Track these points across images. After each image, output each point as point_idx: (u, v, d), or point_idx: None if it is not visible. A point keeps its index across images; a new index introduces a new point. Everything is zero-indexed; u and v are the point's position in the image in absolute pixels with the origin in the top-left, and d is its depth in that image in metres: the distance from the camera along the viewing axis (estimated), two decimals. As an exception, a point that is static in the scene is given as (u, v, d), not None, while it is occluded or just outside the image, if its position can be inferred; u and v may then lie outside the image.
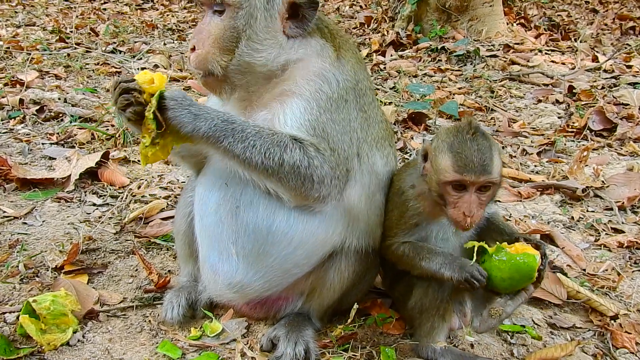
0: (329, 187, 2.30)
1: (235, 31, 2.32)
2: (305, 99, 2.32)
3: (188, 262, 2.82)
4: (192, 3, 12.58)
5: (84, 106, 5.53)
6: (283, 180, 2.25)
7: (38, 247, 3.21)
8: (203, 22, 2.38)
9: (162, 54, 7.87)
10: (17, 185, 3.92)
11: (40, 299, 2.51)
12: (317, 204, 2.34)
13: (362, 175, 2.49)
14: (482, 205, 2.26)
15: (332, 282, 2.55)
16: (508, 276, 2.20)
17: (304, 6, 2.36)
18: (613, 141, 5.41)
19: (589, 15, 11.61)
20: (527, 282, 2.26)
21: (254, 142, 2.20)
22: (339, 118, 2.35)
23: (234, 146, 2.21)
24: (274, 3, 2.34)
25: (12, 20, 9.62)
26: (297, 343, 2.44)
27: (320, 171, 2.26)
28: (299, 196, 2.30)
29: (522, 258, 2.20)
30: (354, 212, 2.48)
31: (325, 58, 2.42)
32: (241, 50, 2.33)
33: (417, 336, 2.56)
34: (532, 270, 2.21)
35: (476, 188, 2.22)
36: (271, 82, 2.40)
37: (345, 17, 11.49)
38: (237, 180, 2.35)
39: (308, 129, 2.29)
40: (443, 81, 7.18)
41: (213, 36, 2.32)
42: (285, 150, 2.21)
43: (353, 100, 2.42)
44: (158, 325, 2.66)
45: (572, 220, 3.96)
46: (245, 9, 2.31)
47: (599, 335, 2.79)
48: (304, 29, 2.39)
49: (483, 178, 2.19)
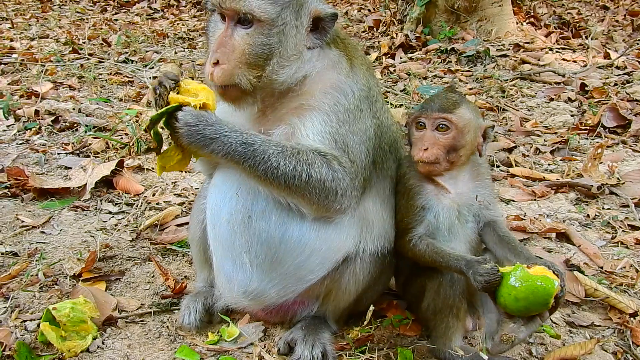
0: (349, 199, 2.33)
1: (268, 48, 2.26)
2: (325, 112, 2.32)
3: (204, 268, 2.84)
4: (202, 11, 12.68)
5: (98, 116, 5.61)
6: (307, 196, 2.26)
7: (56, 255, 3.25)
8: (225, 35, 2.27)
9: (173, 63, 7.93)
10: (34, 195, 3.98)
11: (60, 306, 2.55)
12: (337, 215, 2.36)
13: (377, 180, 2.51)
14: (439, 146, 2.44)
15: (348, 285, 2.55)
16: (523, 297, 2.11)
17: (326, 19, 2.36)
18: (627, 138, 5.36)
19: (600, 12, 11.52)
20: (541, 308, 2.16)
21: (277, 162, 2.19)
22: (357, 129, 2.36)
23: (256, 168, 2.20)
24: (302, 19, 2.32)
25: (26, 32, 9.76)
26: (314, 346, 2.45)
27: (343, 184, 2.28)
28: (321, 209, 2.32)
29: (541, 281, 2.12)
30: (370, 217, 2.50)
31: (340, 69, 2.42)
32: (272, 67, 2.28)
33: (433, 338, 2.56)
34: (549, 295, 2.12)
35: (433, 125, 2.46)
36: (287, 95, 2.37)
37: (353, 21, 11.51)
38: (247, 190, 2.36)
39: (330, 142, 2.30)
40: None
41: (240, 51, 2.24)
42: (312, 166, 2.22)
43: (367, 108, 2.43)
44: (176, 331, 2.68)
45: (587, 218, 3.93)
46: (279, 26, 2.26)
47: (618, 333, 2.76)
48: (322, 40, 2.39)
49: (437, 114, 2.45)
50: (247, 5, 2.20)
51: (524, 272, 2.15)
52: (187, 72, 7.52)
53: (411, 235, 2.50)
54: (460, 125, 2.43)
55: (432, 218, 2.50)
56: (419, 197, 2.51)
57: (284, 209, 2.34)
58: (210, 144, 2.18)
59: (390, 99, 6.40)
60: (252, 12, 2.21)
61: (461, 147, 2.46)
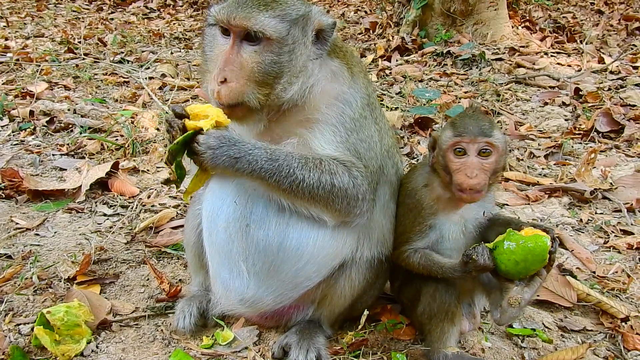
0: (368, 203, 2.35)
1: (278, 66, 2.23)
2: (332, 124, 2.33)
3: (199, 272, 2.84)
4: (198, 11, 12.67)
5: (93, 117, 5.60)
6: (330, 204, 2.28)
7: (51, 258, 3.25)
8: (231, 52, 2.22)
9: (169, 63, 7.93)
10: (28, 196, 3.98)
11: (54, 310, 2.55)
12: (357, 219, 2.37)
13: (377, 186, 2.52)
14: (484, 171, 2.32)
15: (343, 290, 2.56)
16: (522, 259, 2.21)
17: (327, 29, 2.36)
18: (621, 142, 5.40)
19: (595, 16, 11.58)
20: (540, 265, 2.26)
21: (302, 175, 2.19)
22: (364, 136, 2.39)
23: (281, 183, 2.20)
24: (308, 35, 2.31)
25: (21, 31, 9.73)
26: (308, 350, 2.46)
27: (362, 189, 2.31)
28: (342, 215, 2.34)
29: (534, 240, 2.22)
30: (370, 224, 2.51)
31: (343, 80, 2.42)
32: (282, 85, 2.26)
33: (427, 342, 2.57)
34: (544, 251, 2.22)
35: (477, 152, 2.32)
36: (292, 109, 2.36)
37: (350, 23, 11.53)
38: (246, 198, 2.36)
39: (344, 150, 2.32)
40: (449, 85, 7.19)
41: (249, 69, 2.21)
42: (335, 176, 2.24)
43: (369, 115, 2.45)
44: (170, 335, 2.68)
45: (580, 223, 3.95)
46: (289, 44, 2.24)
47: (610, 338, 2.78)
48: (323, 50, 2.39)
49: (481, 139, 2.31)
50: (258, 24, 2.17)
51: (516, 235, 2.25)
52: (183, 73, 7.52)
53: (407, 247, 2.51)
54: (501, 148, 2.36)
55: (438, 234, 2.49)
56: (430, 218, 2.48)
57: (283, 217, 2.34)
58: (235, 164, 2.16)
59: (386, 102, 6.42)
60: (263, 30, 2.18)
61: (501, 168, 2.43)
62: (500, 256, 2.25)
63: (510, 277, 2.29)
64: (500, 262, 2.25)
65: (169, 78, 7.27)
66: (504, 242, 2.25)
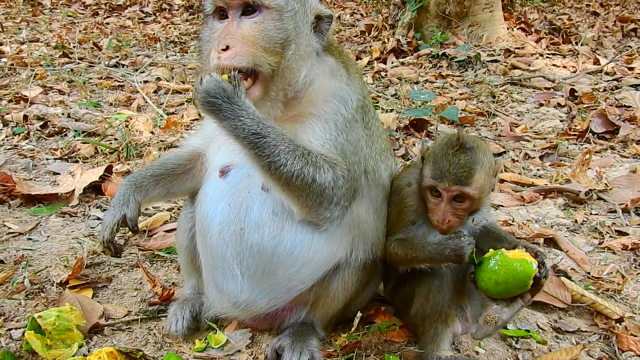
0: (340, 209, 2.33)
1: (284, 32, 2.24)
2: (325, 120, 2.32)
3: (192, 275, 2.83)
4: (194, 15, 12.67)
5: (87, 120, 5.59)
6: (302, 198, 2.24)
7: (43, 262, 3.23)
8: (230, 25, 2.22)
9: (164, 67, 7.93)
10: (21, 201, 3.96)
11: (46, 314, 2.53)
12: (325, 224, 2.35)
13: (369, 189, 2.51)
14: (457, 215, 2.33)
15: (336, 292, 2.55)
16: (502, 280, 2.19)
17: (324, 20, 2.37)
18: (616, 143, 5.40)
19: (590, 18, 11.63)
20: (521, 290, 2.23)
21: (286, 159, 2.16)
22: (352, 139, 2.37)
23: (261, 158, 2.17)
24: (307, 12, 2.33)
25: (16, 36, 9.71)
26: (301, 353, 2.45)
27: (340, 192, 2.28)
28: (311, 214, 2.31)
29: (519, 264, 2.19)
30: (362, 227, 2.50)
31: (340, 77, 2.43)
32: (290, 54, 2.26)
33: (421, 343, 2.56)
34: (528, 277, 2.19)
35: (451, 198, 2.31)
36: (290, 103, 2.36)
37: (346, 26, 11.55)
38: (240, 202, 2.36)
39: (331, 148, 2.30)
40: (444, 87, 7.20)
41: (252, 38, 2.20)
42: (319, 170, 2.21)
43: (360, 118, 2.44)
44: (163, 338, 2.67)
45: (575, 224, 3.95)
46: (289, 11, 2.25)
47: (604, 339, 2.77)
48: (321, 42, 2.41)
49: (455, 187, 2.27)
50: None
51: (502, 256, 2.23)
52: (178, 76, 7.51)
53: (392, 238, 2.52)
54: (477, 194, 2.31)
55: (425, 229, 2.50)
56: (412, 214, 2.50)
57: (278, 221, 2.34)
58: (222, 120, 2.14)
59: (382, 104, 6.42)
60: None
61: (479, 206, 2.41)
62: (482, 273, 2.24)
63: (489, 295, 2.28)
64: (480, 279, 2.25)
65: (164, 81, 7.26)
66: (490, 260, 2.24)
